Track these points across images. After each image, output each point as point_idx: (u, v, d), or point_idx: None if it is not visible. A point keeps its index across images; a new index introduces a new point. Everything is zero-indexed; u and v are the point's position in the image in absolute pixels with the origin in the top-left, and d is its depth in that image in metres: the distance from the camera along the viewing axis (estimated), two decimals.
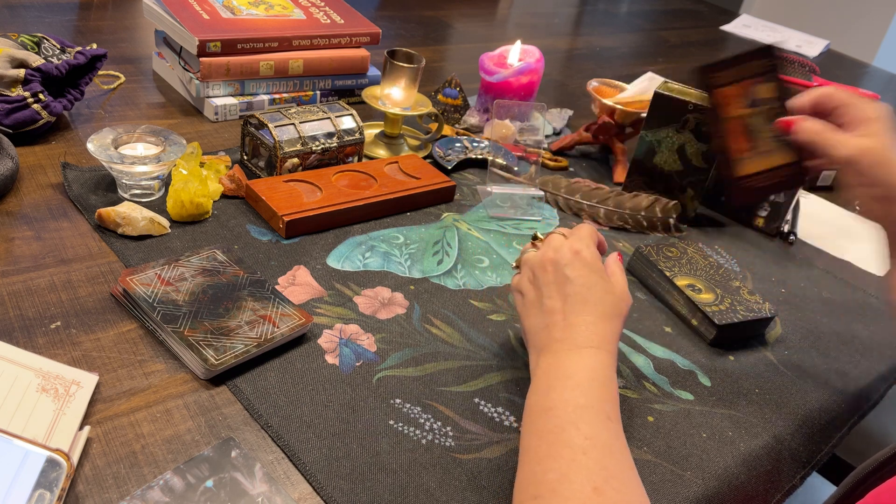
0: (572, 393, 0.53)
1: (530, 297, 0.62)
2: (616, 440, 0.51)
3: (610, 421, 0.52)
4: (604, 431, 0.51)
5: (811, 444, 0.67)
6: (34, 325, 0.62)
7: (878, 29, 2.89)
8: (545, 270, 0.61)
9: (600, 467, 0.48)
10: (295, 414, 0.58)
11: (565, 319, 0.58)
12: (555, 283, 0.60)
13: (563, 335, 0.57)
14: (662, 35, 1.93)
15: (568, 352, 0.56)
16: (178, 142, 0.81)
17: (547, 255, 0.61)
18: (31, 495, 0.45)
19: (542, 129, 1.13)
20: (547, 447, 0.50)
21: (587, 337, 0.56)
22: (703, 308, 0.76)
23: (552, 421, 0.52)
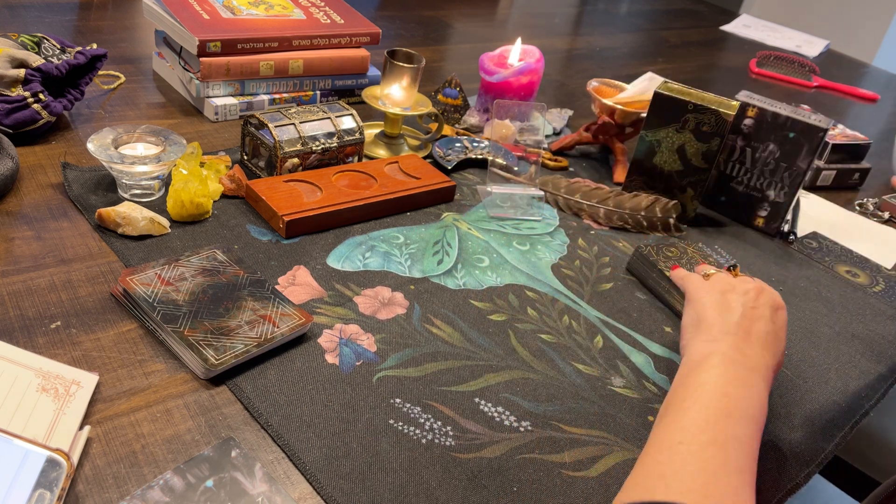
0: (751, 392, 0.57)
1: (738, 294, 0.67)
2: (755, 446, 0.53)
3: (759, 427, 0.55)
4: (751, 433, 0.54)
5: (812, 443, 0.67)
6: (34, 325, 0.62)
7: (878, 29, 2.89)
8: (763, 293, 0.68)
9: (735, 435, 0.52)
10: (295, 413, 0.58)
11: (758, 341, 0.63)
12: (768, 308, 0.66)
13: (748, 352, 0.61)
14: (662, 35, 1.93)
15: (740, 360, 0.60)
16: (178, 142, 0.81)
17: (766, 288, 0.69)
18: (32, 495, 0.45)
19: (542, 129, 1.13)
20: (703, 421, 0.54)
21: (768, 364, 0.62)
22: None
23: (721, 407, 0.55)
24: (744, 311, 0.65)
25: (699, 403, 0.55)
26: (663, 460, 0.51)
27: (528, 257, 0.85)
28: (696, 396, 0.56)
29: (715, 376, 0.58)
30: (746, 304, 0.66)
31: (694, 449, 0.50)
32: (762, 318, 0.65)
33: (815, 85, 1.70)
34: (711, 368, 0.58)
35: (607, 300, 0.80)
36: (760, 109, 0.95)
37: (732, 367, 0.59)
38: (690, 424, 0.53)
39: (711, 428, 0.52)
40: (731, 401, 0.55)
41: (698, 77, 1.63)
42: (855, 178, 1.19)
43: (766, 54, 1.81)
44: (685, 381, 0.59)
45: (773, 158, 0.96)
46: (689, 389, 0.57)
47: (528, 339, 0.72)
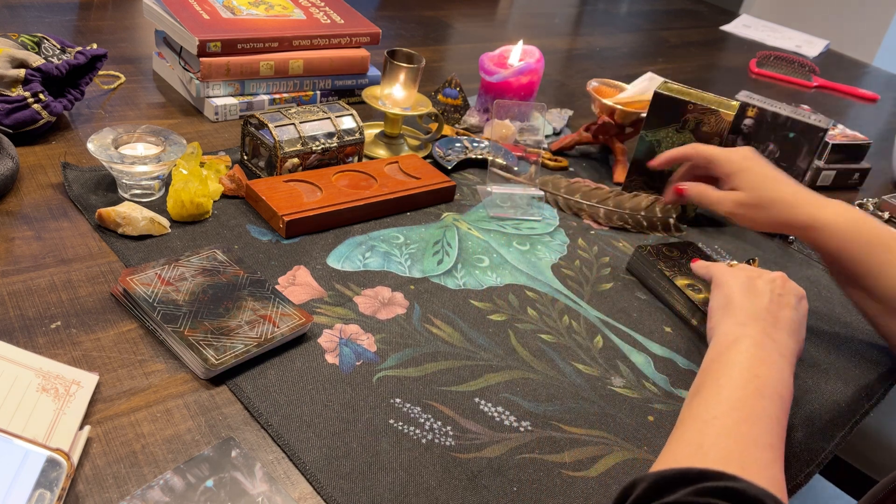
0: (775, 371, 0.59)
1: (766, 281, 0.69)
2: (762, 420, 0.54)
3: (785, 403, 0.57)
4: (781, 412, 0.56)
5: (812, 443, 0.67)
6: (34, 325, 0.62)
7: (878, 29, 2.89)
8: (788, 282, 0.70)
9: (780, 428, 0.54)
10: (295, 413, 0.58)
11: (785, 327, 0.64)
12: (794, 296, 0.68)
13: (776, 337, 0.63)
14: (662, 35, 1.93)
15: (769, 344, 0.62)
16: (178, 142, 0.81)
17: (782, 276, 0.71)
18: (32, 495, 0.45)
19: (542, 129, 1.13)
20: (743, 413, 0.55)
21: (793, 350, 0.63)
22: (703, 308, 0.76)
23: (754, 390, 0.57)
24: (771, 297, 0.67)
25: (733, 382, 0.57)
26: (700, 432, 0.53)
27: (528, 257, 0.85)
28: (729, 375, 0.58)
29: (747, 357, 0.59)
30: (774, 290, 0.68)
31: (728, 423, 0.53)
32: (788, 306, 0.67)
33: (815, 85, 1.70)
34: (743, 351, 0.60)
35: (607, 300, 0.80)
36: (760, 109, 0.95)
37: (763, 351, 0.60)
38: (725, 401, 0.55)
39: (744, 405, 0.54)
40: (761, 381, 0.57)
41: (698, 77, 1.63)
42: (855, 179, 1.19)
43: (766, 54, 1.81)
44: (718, 360, 0.61)
45: (773, 158, 0.96)
46: (723, 368, 0.59)
47: (528, 339, 0.72)
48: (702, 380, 0.60)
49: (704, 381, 0.59)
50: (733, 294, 0.68)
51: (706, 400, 0.56)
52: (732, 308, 0.67)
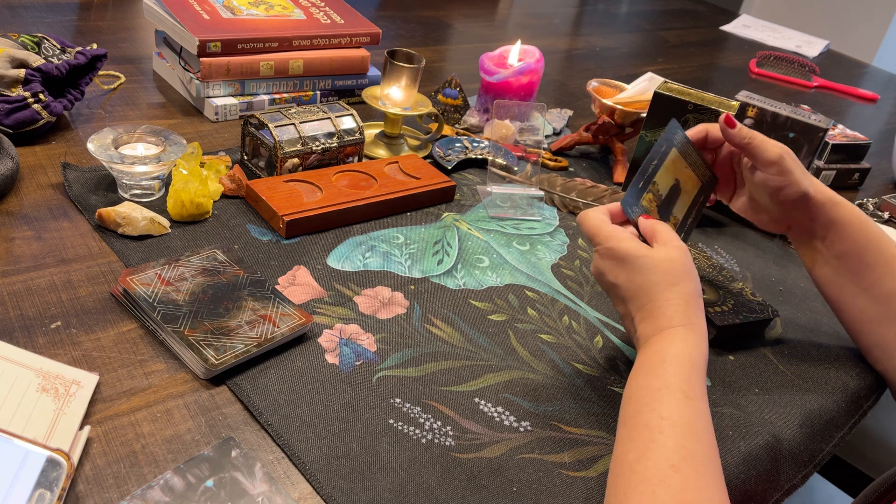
0: (647, 379, 0.55)
1: (615, 306, 0.66)
2: (695, 417, 0.52)
3: (688, 399, 0.53)
4: (680, 410, 0.52)
5: (811, 443, 0.67)
6: (34, 325, 0.62)
7: (878, 29, 2.89)
8: (601, 285, 0.65)
9: (678, 446, 0.50)
10: (295, 413, 0.58)
11: (634, 319, 0.61)
12: (612, 294, 0.64)
13: (639, 335, 0.60)
14: (662, 35, 1.93)
15: (644, 346, 0.59)
16: (178, 142, 0.81)
17: (592, 272, 0.66)
18: (32, 495, 0.45)
19: (542, 129, 1.13)
20: (628, 431, 0.53)
21: (654, 325, 0.59)
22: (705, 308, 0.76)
23: (631, 406, 0.55)
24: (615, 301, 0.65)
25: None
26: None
27: (528, 257, 0.85)
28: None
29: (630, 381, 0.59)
30: (612, 301, 0.65)
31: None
32: (617, 303, 0.64)
33: (815, 85, 1.70)
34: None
35: (607, 300, 0.80)
36: (760, 109, 0.95)
37: (631, 373, 0.59)
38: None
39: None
40: (631, 399, 0.56)
41: (698, 77, 1.63)
42: (855, 178, 1.19)
43: (765, 54, 1.81)
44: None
45: None
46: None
47: (528, 339, 0.72)
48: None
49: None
50: None
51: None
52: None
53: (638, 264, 0.60)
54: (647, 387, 0.55)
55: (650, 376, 0.56)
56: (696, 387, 0.55)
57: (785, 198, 0.71)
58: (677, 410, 0.52)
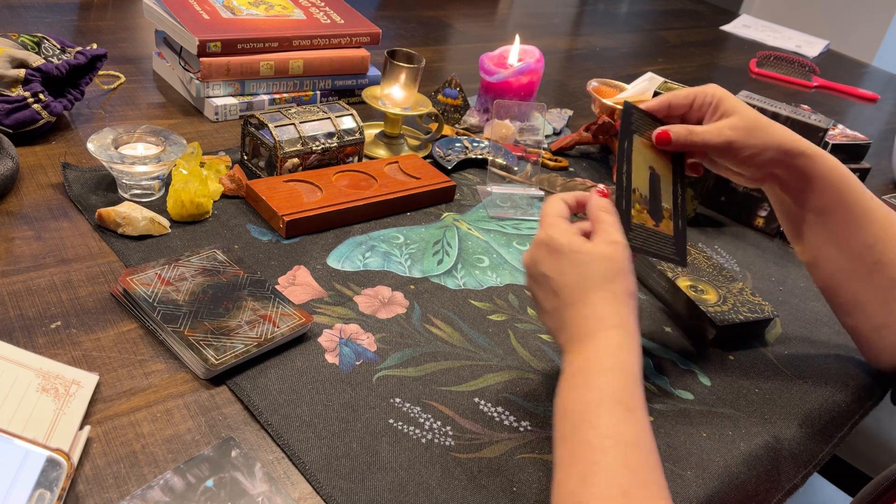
0: (583, 391, 0.51)
1: (535, 304, 0.61)
2: (638, 432, 0.48)
3: (629, 412, 0.49)
4: (623, 425, 0.48)
5: (811, 443, 0.67)
6: (34, 325, 0.62)
7: (878, 29, 2.89)
8: (529, 276, 0.60)
9: (624, 467, 0.46)
10: (295, 413, 0.58)
11: (563, 315, 0.56)
12: (540, 285, 0.59)
13: (568, 333, 0.56)
14: (662, 35, 1.93)
15: (576, 348, 0.54)
16: (178, 142, 0.81)
17: (524, 260, 0.61)
18: (32, 495, 0.45)
19: (542, 129, 1.13)
20: (568, 451, 0.48)
21: (585, 324, 0.54)
22: (704, 308, 0.76)
23: (569, 423, 0.50)
24: (540, 306, 0.60)
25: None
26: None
27: None
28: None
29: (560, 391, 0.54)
30: (539, 301, 0.60)
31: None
32: (548, 297, 0.58)
33: (815, 85, 1.70)
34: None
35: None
36: (760, 109, 0.95)
37: (563, 381, 0.54)
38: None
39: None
40: (569, 414, 0.52)
41: (698, 77, 1.63)
42: None
43: (766, 54, 1.81)
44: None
45: None
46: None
47: (528, 339, 0.72)
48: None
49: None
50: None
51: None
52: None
53: (574, 258, 0.56)
54: (582, 401, 0.50)
55: (586, 387, 0.51)
56: (636, 396, 0.51)
57: (752, 164, 0.69)
58: (620, 426, 0.48)
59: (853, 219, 0.68)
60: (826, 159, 0.68)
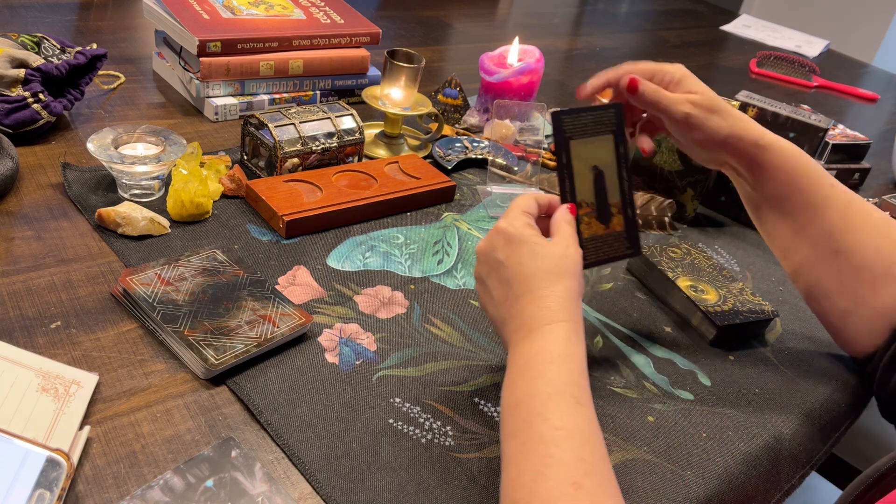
0: (534, 383, 0.51)
1: (481, 294, 0.61)
2: (588, 425, 0.49)
3: (579, 405, 0.49)
4: (574, 417, 0.48)
5: (811, 443, 0.67)
6: (34, 325, 0.62)
7: (878, 29, 2.89)
8: (482, 262, 0.60)
9: (577, 459, 0.46)
10: (295, 413, 0.58)
11: (513, 306, 0.56)
12: (493, 272, 0.58)
13: (517, 323, 0.55)
14: (662, 35, 1.93)
15: (525, 339, 0.54)
16: (178, 142, 0.81)
17: (480, 246, 0.60)
18: (32, 495, 0.45)
19: (542, 129, 1.13)
20: (520, 446, 0.48)
21: (537, 315, 0.54)
22: (704, 308, 0.76)
23: (520, 417, 0.50)
24: (489, 312, 0.60)
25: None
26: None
27: None
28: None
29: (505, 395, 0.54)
30: (487, 289, 0.59)
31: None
32: (497, 286, 0.58)
33: (815, 85, 1.70)
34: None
35: (607, 300, 0.80)
36: (760, 109, 0.95)
37: (511, 373, 0.54)
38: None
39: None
40: (519, 408, 0.51)
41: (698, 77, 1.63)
42: (855, 178, 1.19)
43: (766, 54, 1.81)
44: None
45: None
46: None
47: None
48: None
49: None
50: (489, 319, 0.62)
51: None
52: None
53: (532, 249, 0.56)
54: (534, 393, 0.50)
55: (537, 380, 0.51)
56: (583, 389, 0.51)
57: (705, 145, 0.69)
58: (571, 418, 0.48)
59: (810, 207, 0.68)
60: (782, 149, 0.68)
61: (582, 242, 0.62)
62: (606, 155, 0.66)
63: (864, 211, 0.68)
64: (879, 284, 0.67)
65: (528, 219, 0.60)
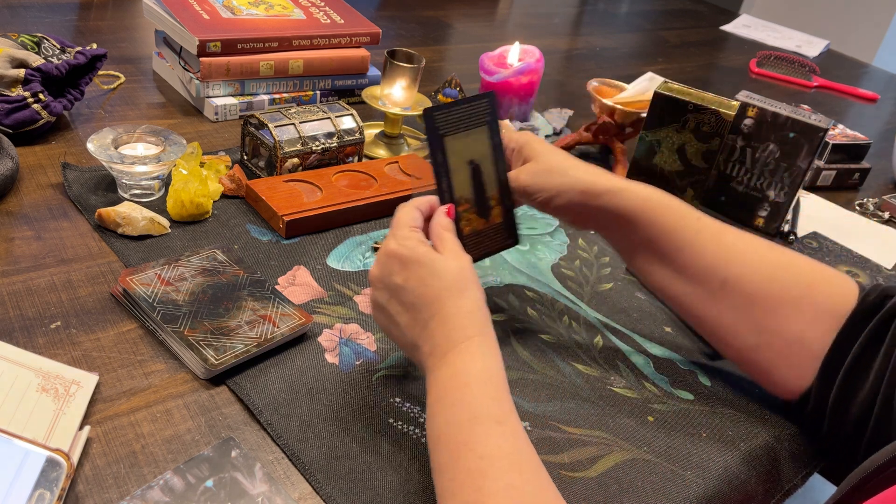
0: (453, 410, 0.50)
1: (382, 320, 0.59)
2: (514, 445, 0.48)
3: (500, 425, 0.49)
4: (498, 441, 0.48)
5: (812, 443, 0.67)
6: (34, 325, 0.62)
7: (878, 29, 2.89)
8: (378, 289, 0.58)
9: (506, 486, 0.45)
10: (295, 413, 0.58)
11: (424, 331, 0.55)
12: (393, 298, 0.57)
13: (429, 347, 0.54)
14: (662, 35, 1.93)
15: (440, 363, 0.53)
16: (178, 142, 0.81)
17: (373, 273, 0.59)
18: (32, 495, 0.45)
19: (542, 129, 1.14)
20: (449, 483, 0.47)
21: (448, 336, 0.53)
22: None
23: (445, 450, 0.49)
24: (394, 332, 0.58)
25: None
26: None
27: (528, 257, 0.85)
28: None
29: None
30: (390, 317, 0.58)
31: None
32: (400, 311, 0.57)
33: (815, 85, 1.70)
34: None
35: (607, 300, 0.80)
36: (760, 109, 0.95)
37: (431, 402, 0.53)
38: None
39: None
40: (443, 440, 0.50)
41: (698, 77, 1.63)
42: (855, 178, 1.19)
43: (766, 54, 1.81)
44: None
45: (773, 158, 0.96)
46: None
47: (528, 339, 0.72)
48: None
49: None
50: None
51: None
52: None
53: (432, 269, 0.55)
54: (455, 422, 0.49)
55: (456, 407, 0.50)
56: (504, 405, 0.50)
57: (551, 207, 0.67)
58: (495, 443, 0.47)
59: (683, 245, 0.65)
60: (637, 192, 0.65)
61: (463, 240, 0.62)
62: (482, 147, 0.65)
63: (742, 238, 0.65)
64: (784, 312, 0.62)
65: (418, 234, 0.58)
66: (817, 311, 0.61)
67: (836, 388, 0.60)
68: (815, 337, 0.61)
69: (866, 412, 0.58)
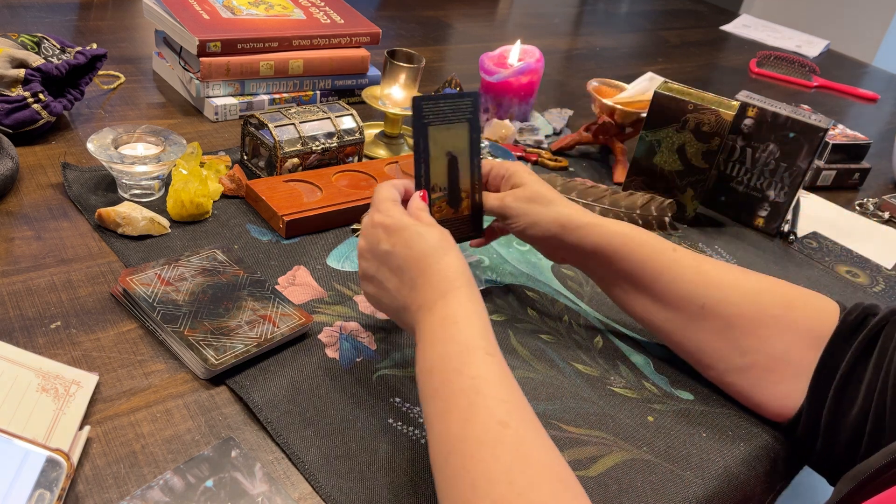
0: (445, 346, 0.53)
1: (372, 291, 0.62)
2: (502, 372, 0.51)
3: (490, 356, 0.51)
4: (487, 366, 0.50)
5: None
6: (34, 325, 0.62)
7: (878, 29, 2.89)
8: (367, 259, 0.62)
9: (498, 401, 0.48)
10: (295, 413, 0.58)
11: (412, 290, 0.57)
12: (382, 265, 0.60)
13: (418, 304, 0.57)
14: (662, 35, 1.93)
15: (428, 313, 0.55)
16: (178, 142, 0.81)
17: (361, 245, 0.62)
18: (32, 495, 0.45)
19: (542, 129, 1.14)
20: (441, 403, 0.50)
21: (436, 287, 0.56)
22: None
23: (436, 378, 0.51)
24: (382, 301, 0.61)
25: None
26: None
27: (528, 257, 0.85)
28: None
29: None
30: (380, 284, 0.61)
31: None
32: (389, 276, 0.60)
33: (815, 85, 1.70)
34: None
35: (607, 300, 0.80)
36: (760, 109, 0.95)
37: (421, 345, 0.55)
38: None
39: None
40: (434, 370, 0.53)
41: (698, 77, 1.63)
42: (855, 178, 1.19)
43: (766, 54, 1.81)
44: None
45: (773, 158, 0.96)
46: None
47: (528, 339, 0.72)
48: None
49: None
50: (386, 314, 0.64)
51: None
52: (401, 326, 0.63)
53: (417, 231, 0.58)
54: (446, 353, 0.52)
55: (447, 342, 0.53)
56: (492, 343, 0.53)
57: (528, 236, 0.70)
58: (485, 367, 0.50)
59: (660, 272, 0.66)
60: (609, 228, 0.68)
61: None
62: (461, 142, 0.68)
63: (718, 266, 0.66)
64: (765, 332, 0.63)
65: (398, 206, 0.62)
66: (798, 330, 0.62)
67: (827, 406, 0.60)
68: (800, 355, 0.62)
69: (860, 428, 0.59)
